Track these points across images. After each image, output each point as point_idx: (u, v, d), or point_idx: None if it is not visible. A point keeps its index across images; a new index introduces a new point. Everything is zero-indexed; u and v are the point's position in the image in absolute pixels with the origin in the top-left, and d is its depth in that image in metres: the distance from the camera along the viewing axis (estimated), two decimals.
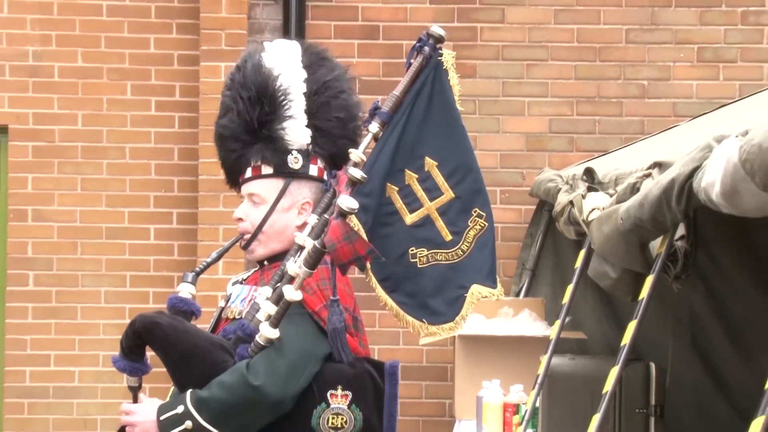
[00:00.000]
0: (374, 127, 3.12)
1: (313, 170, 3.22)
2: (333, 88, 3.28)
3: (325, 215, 3.06)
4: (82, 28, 6.57)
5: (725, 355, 4.64)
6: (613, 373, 3.66)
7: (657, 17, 6.55)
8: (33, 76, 6.56)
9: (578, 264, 4.42)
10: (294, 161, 3.20)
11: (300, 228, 3.14)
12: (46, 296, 6.55)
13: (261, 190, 3.20)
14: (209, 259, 3.27)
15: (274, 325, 2.95)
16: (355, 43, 6.53)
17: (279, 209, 3.19)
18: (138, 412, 3.04)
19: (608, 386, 3.68)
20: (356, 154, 3.10)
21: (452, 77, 3.17)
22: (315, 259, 2.95)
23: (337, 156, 3.22)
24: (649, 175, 3.64)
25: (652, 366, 4.42)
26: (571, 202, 4.50)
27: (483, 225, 3.15)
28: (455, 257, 3.12)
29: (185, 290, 3.18)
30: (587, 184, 4.41)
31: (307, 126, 3.21)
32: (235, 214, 3.24)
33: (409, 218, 3.10)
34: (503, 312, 5.54)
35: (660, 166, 3.58)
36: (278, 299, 2.97)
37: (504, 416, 4.87)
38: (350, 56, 6.43)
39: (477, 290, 3.13)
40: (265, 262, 3.22)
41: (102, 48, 6.57)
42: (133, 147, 6.58)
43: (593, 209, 4.13)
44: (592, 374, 4.29)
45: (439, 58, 3.15)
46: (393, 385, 3.02)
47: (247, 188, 3.22)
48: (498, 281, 3.20)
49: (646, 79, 6.55)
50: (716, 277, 4.52)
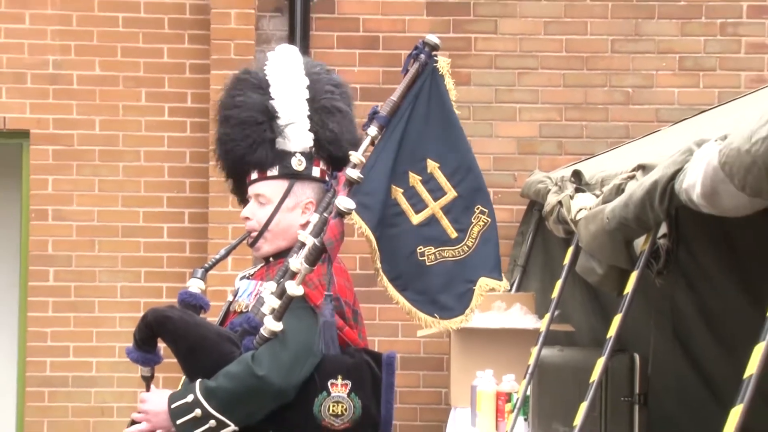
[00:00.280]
0: (373, 130, 3.12)
1: (316, 172, 3.21)
2: (333, 95, 3.27)
3: (325, 214, 3.05)
4: (99, 38, 6.56)
5: (705, 347, 4.64)
6: (600, 363, 3.65)
7: (640, 28, 6.54)
8: (53, 84, 6.55)
9: (566, 261, 4.41)
10: (298, 163, 3.19)
11: (303, 226, 3.13)
12: (65, 291, 6.54)
13: (267, 190, 3.19)
14: (218, 256, 3.27)
15: (278, 319, 2.94)
16: (356, 52, 6.52)
17: (284, 209, 3.18)
18: (150, 401, 3.04)
19: (595, 376, 3.67)
20: (356, 156, 3.10)
21: (448, 82, 3.16)
22: (315, 256, 2.94)
23: (338, 158, 3.21)
24: (633, 177, 3.62)
25: (636, 357, 4.41)
26: (560, 203, 4.49)
27: (486, 221, 3.15)
28: (461, 253, 3.11)
29: (195, 285, 3.17)
30: (575, 186, 4.40)
31: (309, 130, 3.20)
32: (243, 214, 3.24)
33: (416, 218, 3.09)
34: (496, 306, 5.53)
35: (644, 168, 3.57)
36: (281, 294, 2.96)
37: (497, 404, 4.86)
38: (352, 65, 6.44)
39: (485, 282, 3.12)
40: (271, 259, 3.21)
41: (118, 57, 6.56)
42: (147, 150, 6.57)
43: (581, 209, 4.12)
44: (579, 364, 4.29)
45: (434, 65, 3.15)
46: (390, 374, 3.01)
47: (253, 189, 3.21)
48: (503, 274, 3.19)
49: (630, 86, 6.54)
50: (696, 273, 4.51)
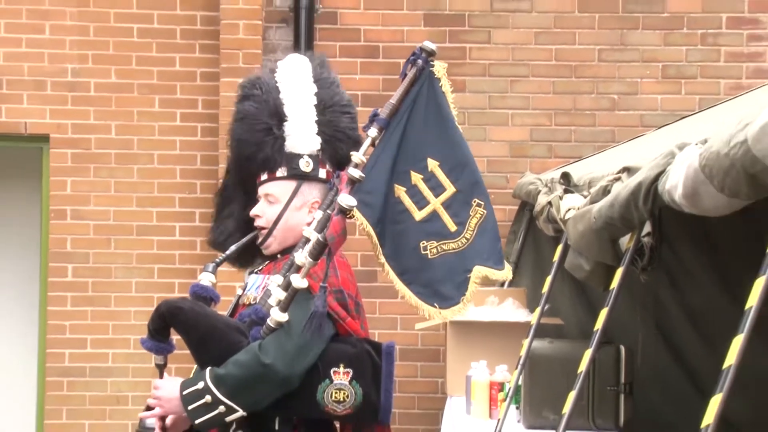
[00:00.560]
0: (373, 131, 3.13)
1: (322, 173, 3.21)
2: (339, 101, 3.27)
3: (328, 211, 3.05)
4: (115, 48, 6.56)
5: (687, 339, 4.63)
6: (587, 354, 3.64)
7: (626, 39, 6.55)
8: (72, 91, 6.55)
9: (556, 258, 4.40)
10: (305, 165, 3.19)
11: (309, 224, 3.13)
12: (83, 286, 6.54)
13: (276, 190, 3.19)
14: (228, 252, 3.26)
15: (283, 310, 2.94)
16: (357, 61, 6.53)
17: (292, 208, 3.18)
18: (163, 388, 3.04)
19: (583, 366, 3.66)
20: (357, 156, 3.11)
21: (444, 84, 3.17)
22: (318, 250, 2.94)
23: (342, 160, 3.21)
24: (618, 179, 3.62)
25: (622, 348, 4.40)
26: (549, 203, 4.49)
27: (483, 213, 3.15)
28: (461, 245, 3.11)
29: (206, 279, 3.17)
30: (564, 187, 4.40)
31: (317, 134, 3.20)
32: (253, 212, 3.23)
33: (418, 215, 3.09)
34: (489, 300, 5.53)
35: (629, 170, 3.56)
36: (287, 286, 2.96)
37: (490, 393, 4.86)
38: (353, 73, 6.44)
39: (479, 270, 3.11)
40: (278, 255, 3.21)
41: (133, 66, 6.57)
42: (160, 154, 6.57)
43: (569, 209, 4.11)
44: (568, 356, 4.27)
45: (431, 69, 3.16)
46: (389, 363, 3.01)
47: (263, 189, 3.21)
48: (505, 263, 3.19)
49: (616, 93, 6.54)
50: (679, 269, 4.50)
